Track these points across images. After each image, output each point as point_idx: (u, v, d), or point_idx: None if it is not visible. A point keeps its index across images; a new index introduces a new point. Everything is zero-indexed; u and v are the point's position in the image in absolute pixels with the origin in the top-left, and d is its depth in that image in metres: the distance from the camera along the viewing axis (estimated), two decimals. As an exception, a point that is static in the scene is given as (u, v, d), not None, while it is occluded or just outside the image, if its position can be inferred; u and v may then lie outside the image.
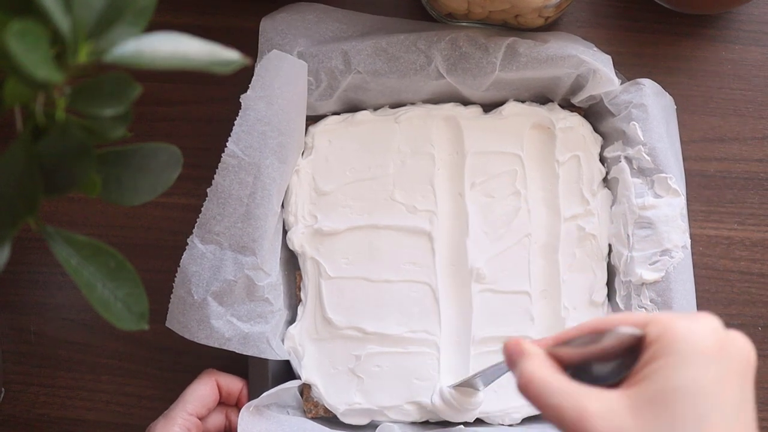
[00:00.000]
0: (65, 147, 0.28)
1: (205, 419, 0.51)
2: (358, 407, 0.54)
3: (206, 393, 0.51)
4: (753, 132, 0.59)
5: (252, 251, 0.51)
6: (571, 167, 0.57)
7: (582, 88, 0.55)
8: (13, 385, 0.59)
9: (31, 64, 0.24)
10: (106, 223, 0.60)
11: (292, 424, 0.52)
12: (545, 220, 0.57)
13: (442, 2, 0.53)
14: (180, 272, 0.51)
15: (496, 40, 0.53)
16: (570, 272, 0.56)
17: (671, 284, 0.52)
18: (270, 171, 0.51)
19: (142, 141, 0.34)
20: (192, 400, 0.50)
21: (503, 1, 0.51)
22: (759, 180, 0.59)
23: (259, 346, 0.51)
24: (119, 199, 0.32)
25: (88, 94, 0.28)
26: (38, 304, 0.60)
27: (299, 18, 0.54)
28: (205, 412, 0.51)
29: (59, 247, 0.30)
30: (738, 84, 0.60)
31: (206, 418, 0.52)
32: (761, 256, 0.59)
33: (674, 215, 0.53)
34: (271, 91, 0.51)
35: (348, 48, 0.53)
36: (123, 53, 0.27)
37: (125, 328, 0.31)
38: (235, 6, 0.60)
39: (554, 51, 0.52)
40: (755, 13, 0.60)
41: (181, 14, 0.60)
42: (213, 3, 0.60)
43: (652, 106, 0.53)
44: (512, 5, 0.51)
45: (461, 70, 0.53)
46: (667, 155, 0.53)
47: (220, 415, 0.53)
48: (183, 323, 0.51)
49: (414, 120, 0.57)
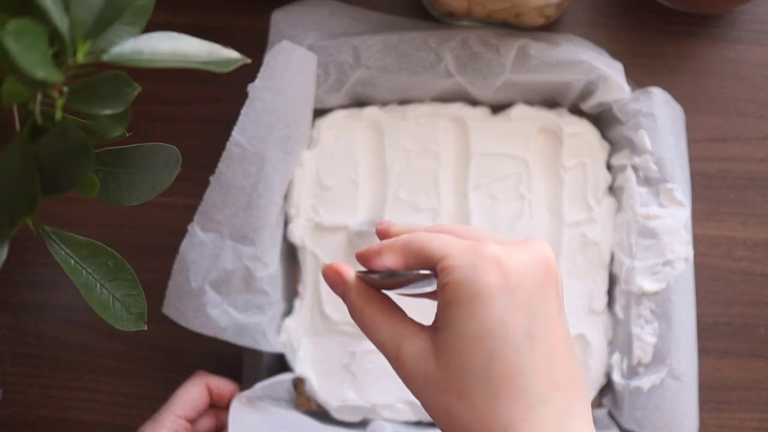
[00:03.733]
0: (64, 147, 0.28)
1: (196, 422, 0.51)
2: (351, 404, 0.54)
3: (196, 395, 0.51)
4: (755, 132, 0.59)
5: (252, 242, 0.51)
6: (577, 173, 0.56)
7: (592, 94, 0.55)
8: (11, 386, 0.59)
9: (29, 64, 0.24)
10: (105, 223, 0.59)
11: (284, 416, 0.51)
12: (548, 225, 0.56)
13: (443, 1, 0.53)
14: (178, 259, 0.51)
15: (508, 41, 0.52)
16: (570, 278, 0.56)
17: (672, 296, 0.51)
18: (274, 162, 0.51)
19: (141, 141, 0.33)
20: (181, 402, 0.50)
21: (504, 0, 0.50)
22: (761, 180, 0.59)
23: (255, 337, 0.51)
24: (118, 199, 0.32)
25: (86, 94, 0.27)
26: (37, 304, 0.59)
27: (311, 12, 0.54)
28: (195, 414, 0.50)
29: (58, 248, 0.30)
30: (740, 83, 0.59)
31: (196, 420, 0.51)
32: (763, 256, 0.59)
33: (678, 226, 0.52)
34: (279, 81, 0.50)
35: (358, 43, 0.53)
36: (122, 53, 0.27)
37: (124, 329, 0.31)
38: (235, 5, 0.60)
39: (565, 55, 0.52)
40: (757, 12, 0.60)
41: (180, 14, 0.60)
42: (213, 3, 0.60)
43: (662, 116, 0.53)
44: (513, 4, 0.51)
45: (471, 70, 0.53)
46: (674, 166, 0.53)
47: (210, 417, 0.52)
48: (180, 310, 0.51)
49: (421, 118, 0.57)
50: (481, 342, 0.30)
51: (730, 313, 0.58)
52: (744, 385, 0.58)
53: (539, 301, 0.31)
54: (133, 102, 0.28)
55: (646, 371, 0.52)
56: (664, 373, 0.51)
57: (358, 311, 0.35)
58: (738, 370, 0.58)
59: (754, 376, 0.58)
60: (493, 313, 0.30)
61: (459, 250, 0.32)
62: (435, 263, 0.32)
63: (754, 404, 0.58)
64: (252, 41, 0.57)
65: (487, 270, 0.31)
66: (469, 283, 0.31)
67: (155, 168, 0.33)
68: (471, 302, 0.30)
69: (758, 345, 0.58)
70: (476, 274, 0.31)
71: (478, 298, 0.30)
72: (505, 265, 0.31)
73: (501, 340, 0.30)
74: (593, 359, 0.55)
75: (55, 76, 0.25)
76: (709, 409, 0.58)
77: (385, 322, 0.34)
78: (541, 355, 0.30)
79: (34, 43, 0.24)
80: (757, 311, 0.58)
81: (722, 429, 0.58)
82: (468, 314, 0.30)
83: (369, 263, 0.35)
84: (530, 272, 0.31)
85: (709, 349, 0.58)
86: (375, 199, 0.57)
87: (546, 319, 0.31)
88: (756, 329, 0.58)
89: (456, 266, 0.31)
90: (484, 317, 0.30)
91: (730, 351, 0.58)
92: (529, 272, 0.31)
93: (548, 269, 0.32)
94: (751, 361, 0.58)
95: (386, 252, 0.34)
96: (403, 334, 0.33)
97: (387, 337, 0.33)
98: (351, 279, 0.35)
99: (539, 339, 0.31)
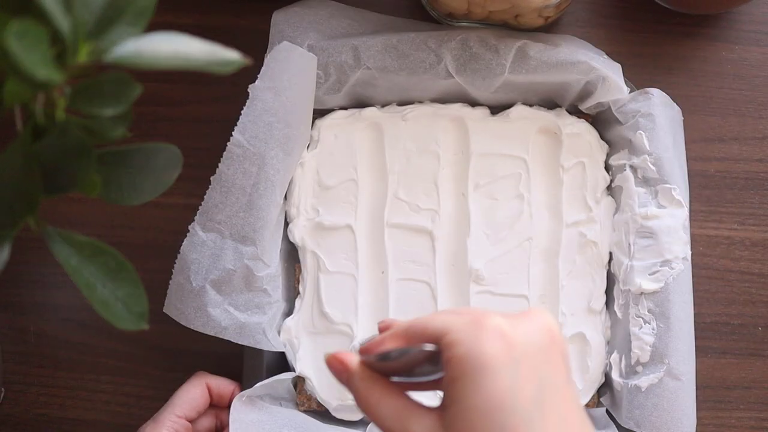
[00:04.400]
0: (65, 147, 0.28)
1: (196, 422, 0.51)
2: (351, 403, 0.54)
3: (196, 395, 0.51)
4: (753, 132, 0.59)
5: (252, 241, 0.51)
6: (576, 173, 0.56)
7: (590, 95, 0.55)
8: (12, 385, 0.59)
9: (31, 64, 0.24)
10: (106, 223, 0.60)
11: (285, 415, 0.52)
12: (547, 224, 0.57)
13: (443, 2, 0.53)
14: (180, 259, 0.51)
15: (507, 41, 0.53)
16: (569, 278, 0.56)
17: (670, 295, 0.52)
18: (274, 162, 0.51)
19: (142, 141, 0.34)
20: (180, 402, 0.50)
21: (503, 1, 0.51)
22: (759, 180, 0.59)
23: (255, 336, 0.51)
24: (119, 199, 0.32)
25: (88, 94, 0.28)
26: (38, 304, 0.60)
27: (311, 12, 0.55)
28: (195, 414, 0.50)
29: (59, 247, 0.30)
30: (738, 84, 0.60)
31: (197, 420, 0.51)
32: (761, 256, 0.59)
33: (676, 226, 0.53)
34: (279, 82, 0.51)
35: (358, 43, 0.53)
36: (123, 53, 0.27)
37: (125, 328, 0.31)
38: (235, 6, 0.60)
39: (564, 56, 0.52)
40: (755, 13, 0.60)
41: (181, 14, 0.60)
42: (213, 3, 0.60)
43: (660, 116, 0.53)
44: (512, 5, 0.51)
45: (470, 70, 0.53)
46: (672, 166, 0.53)
47: (210, 417, 0.52)
48: (180, 310, 0.51)
49: (421, 119, 0.57)
50: (491, 415, 0.29)
51: (728, 312, 0.59)
52: (742, 384, 0.58)
53: (546, 369, 0.30)
54: (135, 102, 0.28)
55: (644, 370, 0.52)
56: (663, 373, 0.51)
57: (363, 397, 0.33)
58: (736, 369, 0.58)
59: (753, 376, 0.58)
60: (501, 385, 0.29)
61: (461, 324, 0.31)
62: (438, 341, 0.32)
63: (752, 403, 0.58)
64: (253, 42, 0.57)
65: (491, 341, 0.30)
66: (473, 356, 0.30)
67: (156, 168, 0.33)
68: (477, 375, 0.29)
69: (756, 344, 0.58)
70: (480, 346, 0.30)
71: (484, 370, 0.29)
72: (509, 336, 0.30)
73: (511, 411, 0.29)
74: (592, 358, 0.55)
75: (57, 77, 0.25)
76: (707, 408, 0.58)
77: (391, 404, 0.33)
78: (553, 425, 0.29)
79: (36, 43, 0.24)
80: (755, 311, 0.59)
81: (720, 428, 0.58)
82: (475, 387, 0.29)
83: (373, 353, 0.34)
84: (535, 341, 0.31)
85: (708, 348, 0.58)
86: (375, 198, 0.57)
87: (555, 387, 0.30)
88: (754, 329, 0.59)
89: (459, 340, 0.30)
90: (491, 389, 0.29)
91: (729, 350, 0.58)
92: (534, 341, 0.31)
93: (553, 337, 0.31)
94: (749, 360, 0.58)
95: (389, 339, 0.33)
96: (410, 415, 0.32)
97: (394, 420, 0.32)
98: (354, 366, 0.34)
99: (550, 408, 0.30)
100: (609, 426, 0.53)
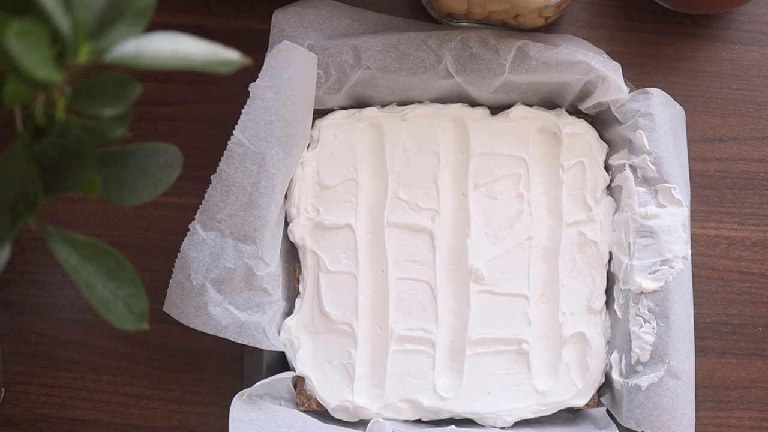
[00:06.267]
0: (65, 147, 0.28)
1: None
2: (350, 404, 0.54)
3: None
4: (753, 132, 0.59)
5: (253, 240, 0.51)
6: (576, 173, 0.57)
7: (590, 95, 0.55)
8: (13, 385, 0.59)
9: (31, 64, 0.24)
10: (106, 223, 0.60)
11: (284, 415, 0.52)
12: (547, 224, 0.57)
13: (442, 2, 0.53)
14: (180, 257, 0.51)
15: (507, 41, 0.53)
16: (569, 278, 0.56)
17: (670, 294, 0.52)
18: (275, 161, 0.51)
19: (142, 141, 0.34)
20: None
21: (503, 1, 0.51)
22: (759, 180, 0.59)
23: (255, 335, 0.51)
24: (119, 199, 0.32)
25: (88, 94, 0.28)
26: (38, 304, 0.60)
27: (312, 12, 0.55)
28: None
29: (59, 247, 0.30)
30: (738, 84, 0.60)
31: None
32: (761, 256, 0.59)
33: (676, 225, 0.53)
34: (280, 81, 0.51)
35: (358, 43, 0.53)
36: (123, 53, 0.27)
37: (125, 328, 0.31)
38: (235, 6, 0.60)
39: (564, 56, 0.52)
40: (755, 13, 0.60)
41: (181, 14, 0.60)
42: (213, 3, 0.60)
43: (660, 115, 0.53)
44: (512, 5, 0.51)
45: (470, 70, 0.53)
46: (672, 165, 0.53)
47: None
48: (180, 308, 0.51)
49: (421, 118, 0.57)
50: None
51: (728, 312, 0.59)
52: (742, 384, 0.58)
53: None
54: (135, 102, 0.28)
55: (644, 370, 0.52)
56: (663, 372, 0.51)
57: None
58: (736, 369, 0.58)
59: (752, 376, 0.58)
60: None
61: None
62: None
63: (752, 403, 0.58)
64: (253, 41, 0.57)
65: None
66: None
67: (156, 168, 0.33)
68: None
69: (756, 344, 0.59)
70: None
71: None
72: None
73: None
74: (592, 358, 0.55)
75: (57, 77, 0.25)
76: (707, 408, 0.58)
77: None
78: None
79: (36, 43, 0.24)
80: (755, 311, 0.59)
81: (720, 428, 0.58)
82: None
83: None
84: None
85: (708, 348, 0.58)
86: (375, 198, 0.57)
87: None
88: (754, 329, 0.59)
89: None
90: None
91: (728, 350, 0.58)
92: None
93: None
94: (749, 360, 0.58)
95: None
96: None
97: None
98: None
99: None
100: (609, 426, 0.53)
